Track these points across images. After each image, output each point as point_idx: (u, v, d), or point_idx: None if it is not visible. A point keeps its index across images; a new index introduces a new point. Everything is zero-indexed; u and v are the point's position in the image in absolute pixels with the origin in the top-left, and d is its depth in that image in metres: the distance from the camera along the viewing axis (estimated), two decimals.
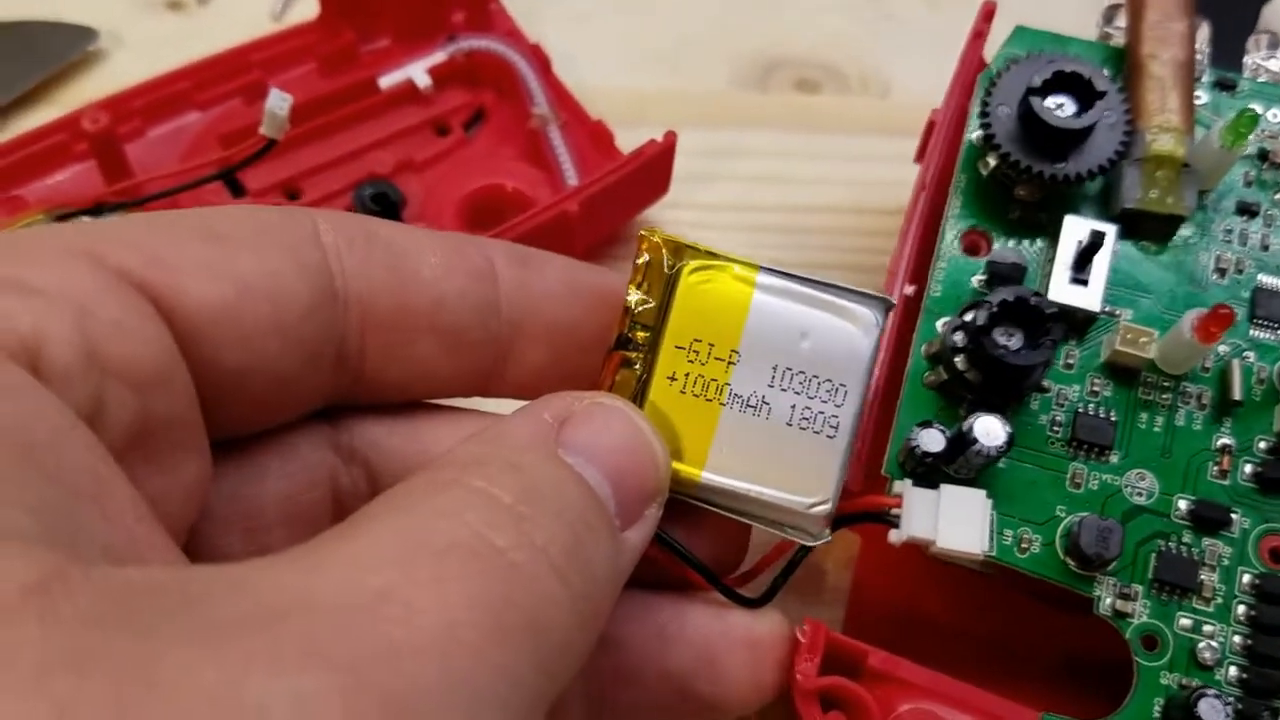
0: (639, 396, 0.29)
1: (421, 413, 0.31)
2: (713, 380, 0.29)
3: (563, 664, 0.22)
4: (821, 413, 0.29)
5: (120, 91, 0.50)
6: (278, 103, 0.41)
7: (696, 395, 0.29)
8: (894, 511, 0.32)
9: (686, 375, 0.29)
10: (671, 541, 0.30)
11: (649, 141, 0.47)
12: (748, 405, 0.29)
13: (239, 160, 0.43)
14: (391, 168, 0.51)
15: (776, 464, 0.29)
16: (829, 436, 0.29)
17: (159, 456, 0.24)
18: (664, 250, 0.29)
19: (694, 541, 0.31)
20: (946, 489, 0.32)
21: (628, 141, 0.49)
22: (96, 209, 0.44)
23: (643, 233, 0.29)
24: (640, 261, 0.29)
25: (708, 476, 0.29)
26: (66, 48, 0.55)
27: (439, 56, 0.53)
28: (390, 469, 0.30)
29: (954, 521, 0.31)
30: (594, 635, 0.24)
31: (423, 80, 0.52)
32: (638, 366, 0.29)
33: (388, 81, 0.52)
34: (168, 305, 0.24)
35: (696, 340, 0.29)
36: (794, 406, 0.29)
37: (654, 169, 0.48)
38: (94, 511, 0.21)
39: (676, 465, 0.29)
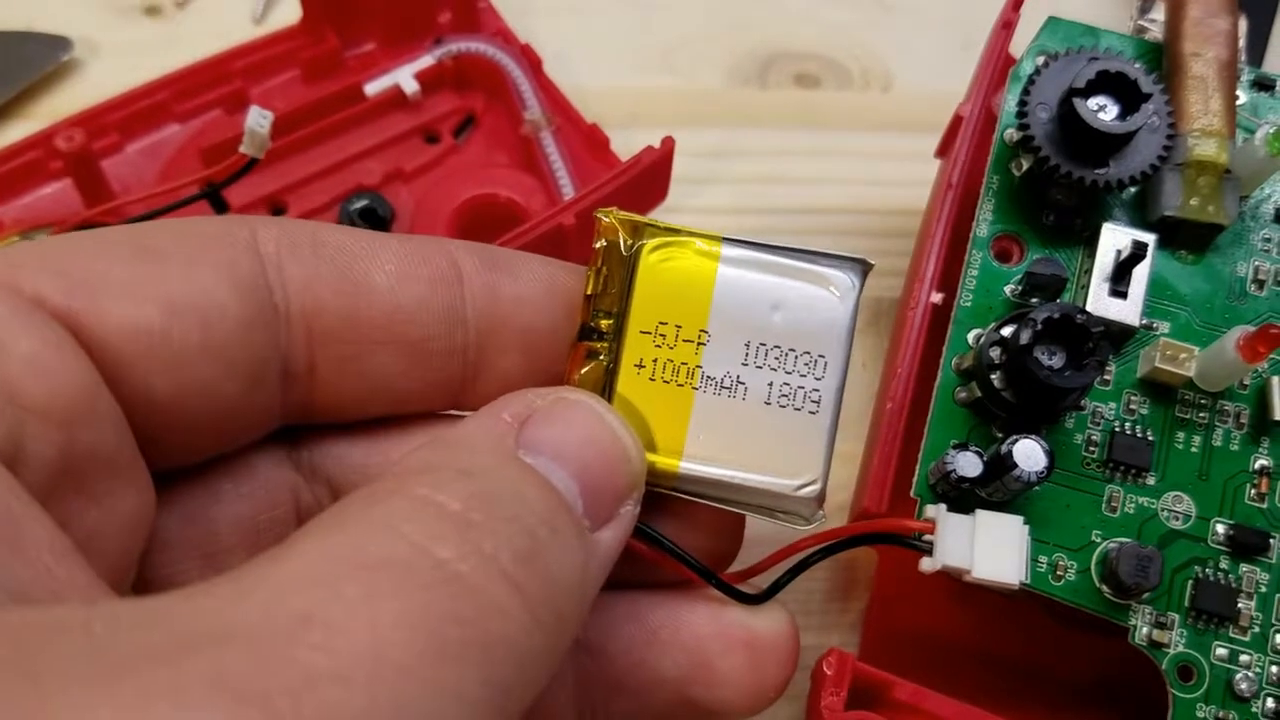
0: (607, 389, 0.28)
1: (389, 426, 0.30)
2: (683, 364, 0.27)
3: (522, 677, 0.21)
4: (801, 387, 0.27)
5: (96, 105, 0.48)
6: (258, 120, 0.39)
7: (667, 381, 0.27)
8: (925, 537, 0.30)
9: (655, 361, 0.27)
10: (657, 536, 0.28)
11: (646, 148, 0.45)
12: (722, 387, 0.27)
13: (222, 179, 0.41)
14: (380, 178, 0.49)
15: (759, 446, 0.28)
16: (811, 412, 0.28)
17: (90, 490, 0.23)
18: (621, 230, 0.27)
19: (684, 535, 0.29)
20: (982, 516, 0.30)
21: (623, 141, 0.47)
22: (78, 230, 0.42)
23: (597, 214, 0.28)
24: (598, 245, 0.27)
25: (686, 466, 0.28)
26: (41, 59, 0.53)
27: (426, 61, 0.51)
28: (355, 485, 0.29)
29: (990, 550, 0.30)
30: (561, 644, 0.23)
31: (410, 86, 0.50)
32: (603, 357, 0.28)
33: (374, 88, 0.50)
34: (88, 333, 0.23)
35: (662, 323, 0.27)
36: (771, 384, 0.27)
37: (652, 176, 0.46)
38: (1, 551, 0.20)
39: (652, 458, 0.27)
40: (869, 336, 0.47)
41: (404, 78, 0.51)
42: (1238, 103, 0.37)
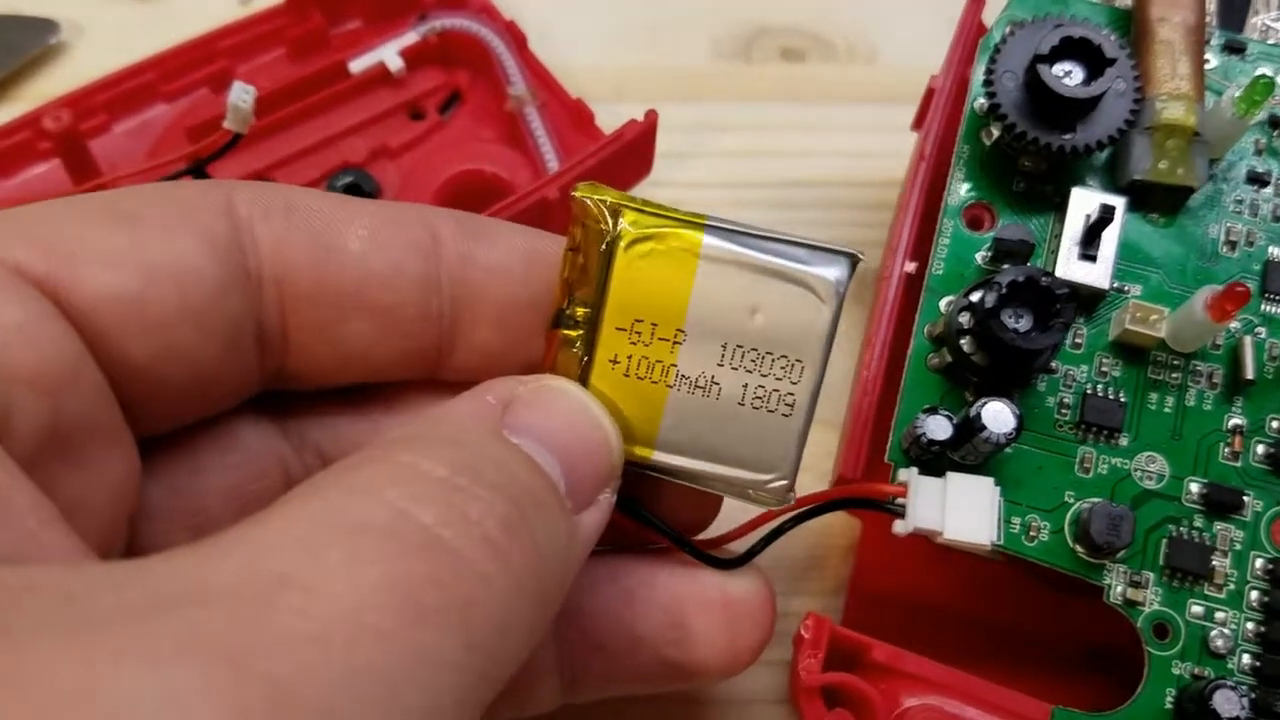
0: (581, 380, 0.27)
1: (376, 395, 0.30)
2: (657, 362, 0.27)
3: (504, 645, 0.21)
4: (776, 390, 0.27)
5: (83, 86, 0.48)
6: (240, 95, 0.39)
7: (641, 378, 0.27)
8: (898, 500, 0.31)
9: (629, 358, 0.27)
10: (635, 507, 0.29)
11: (629, 122, 0.45)
12: (696, 386, 0.27)
13: (207, 155, 0.42)
14: (365, 155, 0.49)
15: (730, 443, 0.27)
16: (784, 415, 0.27)
17: (77, 456, 0.23)
18: (597, 214, 0.27)
19: (660, 501, 0.30)
20: (953, 477, 0.30)
21: (608, 118, 0.48)
22: None
23: (573, 193, 0.27)
24: (574, 229, 0.27)
25: (659, 457, 0.28)
26: (27, 41, 0.53)
27: (411, 37, 0.51)
28: (344, 454, 0.29)
29: (961, 511, 0.30)
30: (545, 616, 0.23)
31: (395, 63, 0.50)
32: (578, 348, 0.27)
33: (359, 65, 0.50)
34: (67, 300, 0.23)
35: (638, 320, 0.27)
36: (746, 385, 0.27)
37: (635, 150, 0.46)
38: None
39: (626, 446, 0.27)
40: (852, 306, 0.47)
41: (388, 54, 0.51)
42: (1208, 66, 0.37)
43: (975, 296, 0.32)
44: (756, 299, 0.26)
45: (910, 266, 0.35)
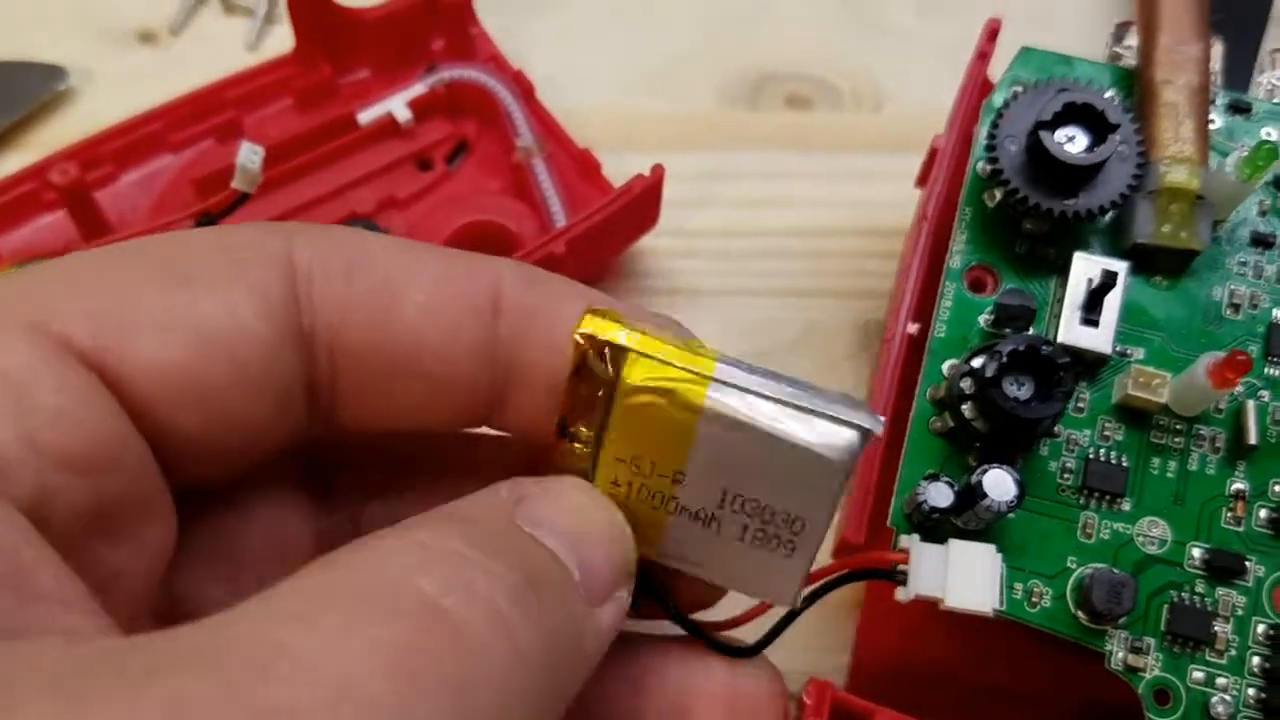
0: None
1: (411, 455, 0.30)
2: (659, 492, 0.26)
3: None
4: (777, 536, 0.26)
5: (90, 137, 0.48)
6: (249, 156, 0.40)
7: (642, 501, 0.26)
8: (900, 567, 0.31)
9: (630, 484, 0.26)
10: (647, 581, 0.28)
11: (636, 177, 0.45)
12: (696, 518, 0.26)
13: (215, 211, 0.42)
14: (373, 206, 0.49)
15: (733, 567, 0.27)
16: (786, 556, 0.26)
17: (118, 530, 0.23)
18: (599, 355, 0.25)
19: (667, 581, 0.29)
20: (955, 545, 0.30)
21: (615, 165, 0.48)
22: None
23: (578, 327, 0.25)
24: (577, 358, 0.25)
25: (664, 561, 0.27)
26: (36, 89, 0.54)
27: (419, 88, 0.51)
28: (375, 517, 0.29)
29: (963, 578, 0.30)
30: (554, 699, 0.22)
31: (403, 114, 0.51)
32: (583, 460, 0.26)
33: (367, 116, 0.51)
34: (114, 373, 0.22)
35: (638, 456, 0.26)
36: (746, 527, 0.26)
37: (642, 204, 0.46)
38: (4, 596, 0.19)
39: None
40: (857, 363, 0.47)
41: (396, 105, 0.51)
42: (1213, 127, 0.37)
43: (977, 363, 0.32)
44: (759, 460, 0.25)
45: (913, 328, 0.35)
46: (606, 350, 0.25)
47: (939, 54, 0.41)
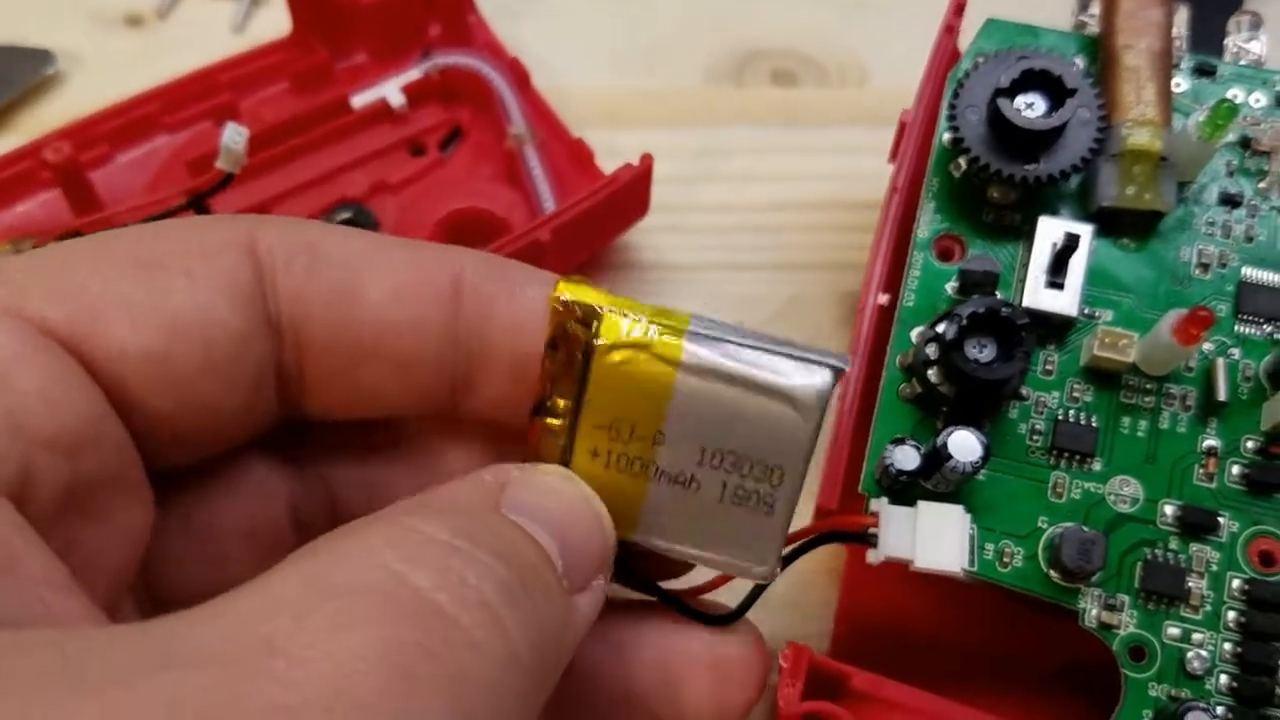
0: (564, 465, 0.27)
1: (389, 434, 0.30)
2: (637, 458, 0.26)
3: (497, 715, 0.20)
4: (756, 492, 0.27)
5: (87, 116, 0.49)
6: (233, 136, 0.40)
7: (621, 470, 0.27)
8: (871, 530, 0.31)
9: (609, 452, 0.27)
10: (625, 565, 0.28)
11: (624, 166, 0.45)
12: (675, 481, 0.27)
13: (206, 189, 0.42)
14: (365, 190, 0.50)
15: (711, 533, 0.27)
16: (765, 514, 0.27)
17: (95, 512, 0.23)
18: (574, 316, 0.26)
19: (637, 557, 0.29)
20: (923, 506, 0.31)
21: (603, 143, 0.48)
22: (64, 240, 0.43)
23: (553, 292, 0.26)
24: (553, 326, 0.26)
25: (639, 538, 0.27)
26: (24, 73, 0.54)
27: (414, 74, 0.52)
28: (350, 495, 0.30)
29: (931, 539, 0.31)
30: (541, 690, 0.23)
31: (397, 99, 0.51)
32: (560, 436, 0.27)
33: (361, 100, 0.51)
34: (90, 356, 0.23)
35: (618, 420, 0.26)
36: (725, 484, 0.27)
37: (630, 193, 0.47)
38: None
39: None
40: (841, 334, 0.48)
41: (391, 91, 0.51)
42: (1179, 90, 0.37)
43: (940, 328, 0.32)
44: (735, 408, 0.26)
45: (883, 299, 0.36)
46: (581, 310, 0.26)
47: (924, 29, 0.41)
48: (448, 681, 0.19)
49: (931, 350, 0.33)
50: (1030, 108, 0.34)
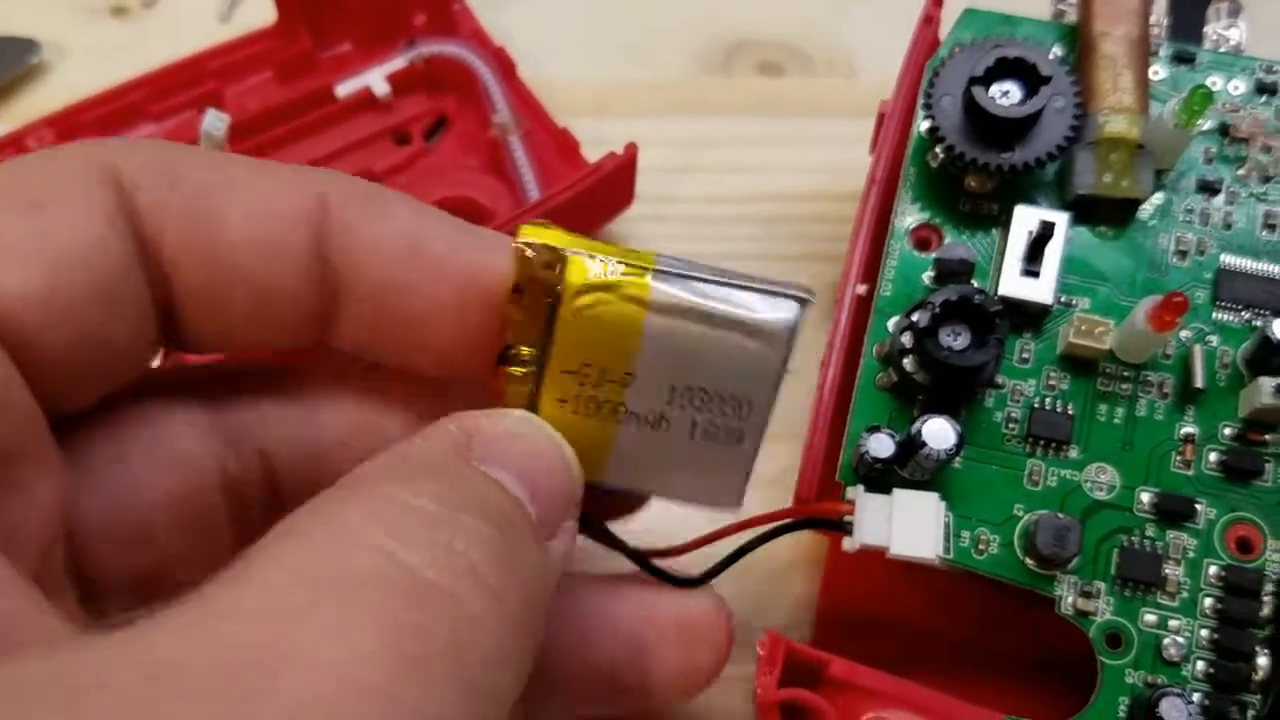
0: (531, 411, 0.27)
1: (313, 386, 0.29)
2: (606, 401, 0.27)
3: (500, 682, 0.21)
4: (725, 426, 0.27)
5: (70, 105, 0.49)
6: (214, 123, 0.40)
7: (589, 415, 0.27)
8: (848, 518, 0.31)
9: (577, 397, 0.27)
10: (592, 523, 0.29)
11: (608, 155, 0.45)
12: (645, 422, 0.27)
13: None
14: None
15: (679, 469, 0.27)
16: (734, 445, 0.27)
17: (9, 482, 0.23)
18: (540, 260, 0.26)
19: (601, 501, 0.29)
20: (898, 494, 0.31)
21: (589, 133, 0.48)
22: None
23: (515, 242, 0.26)
24: (518, 270, 0.26)
25: (607, 482, 0.28)
26: (8, 61, 0.54)
27: (399, 62, 0.52)
28: (285, 453, 0.29)
29: (907, 526, 0.31)
30: (532, 648, 0.23)
31: (381, 88, 0.51)
32: (526, 384, 0.27)
33: (345, 89, 0.51)
34: None
35: (586, 365, 0.26)
36: (695, 422, 0.27)
37: (614, 181, 0.46)
38: None
39: None
40: (821, 327, 0.48)
41: (375, 79, 0.51)
42: (1157, 78, 0.37)
43: (915, 317, 0.33)
44: (705, 343, 0.26)
45: (861, 289, 0.36)
46: (546, 255, 0.26)
47: (912, 21, 0.41)
48: (452, 659, 0.19)
49: (906, 339, 0.33)
50: (1005, 95, 0.34)
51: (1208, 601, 0.33)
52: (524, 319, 0.26)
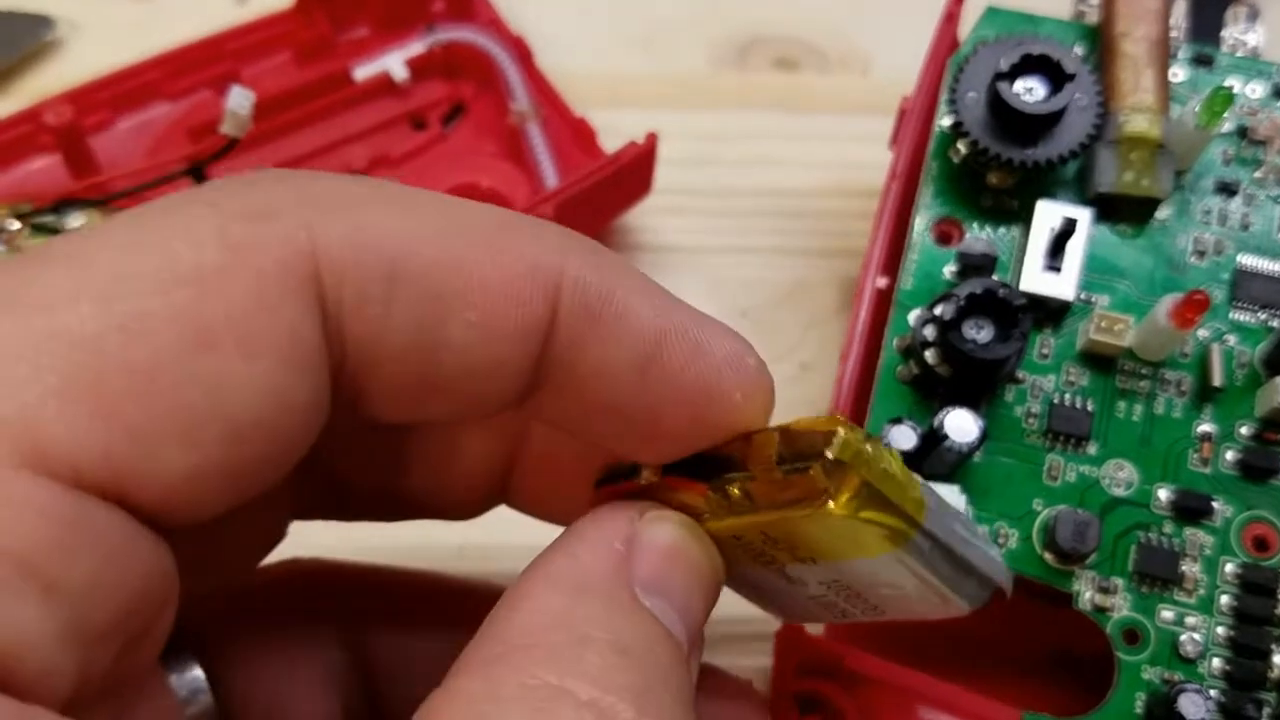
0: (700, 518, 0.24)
1: (448, 621, 0.28)
2: (773, 558, 0.24)
3: None
4: (844, 612, 0.25)
5: (87, 82, 0.48)
6: (239, 100, 0.40)
7: (747, 557, 0.24)
8: None
9: (751, 546, 0.24)
10: None
11: (629, 144, 0.45)
12: (784, 577, 0.25)
13: (205, 157, 0.42)
14: (366, 163, 0.50)
15: (779, 602, 0.26)
16: (834, 616, 0.26)
17: (133, 648, 0.20)
18: (821, 469, 0.21)
19: None
20: None
21: (605, 124, 0.48)
22: (59, 206, 0.43)
23: (838, 432, 0.21)
24: (799, 444, 0.22)
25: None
26: (22, 37, 0.54)
27: (417, 47, 0.52)
28: (409, 680, 0.28)
29: None
30: None
31: (399, 72, 0.51)
32: (711, 515, 0.24)
33: (363, 73, 0.51)
34: (136, 500, 0.18)
35: (787, 538, 0.23)
36: (825, 597, 0.25)
37: (634, 170, 0.46)
38: None
39: None
40: (842, 320, 0.48)
41: (394, 64, 0.51)
42: (1176, 80, 0.37)
43: (938, 310, 0.33)
44: (901, 585, 0.24)
45: (881, 282, 0.36)
46: (829, 468, 0.21)
47: (926, 19, 0.41)
48: None
49: (929, 332, 0.33)
50: (1030, 92, 0.34)
51: (1225, 599, 0.33)
52: (766, 482, 0.22)
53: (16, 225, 0.43)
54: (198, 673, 0.24)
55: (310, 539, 0.28)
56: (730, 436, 0.23)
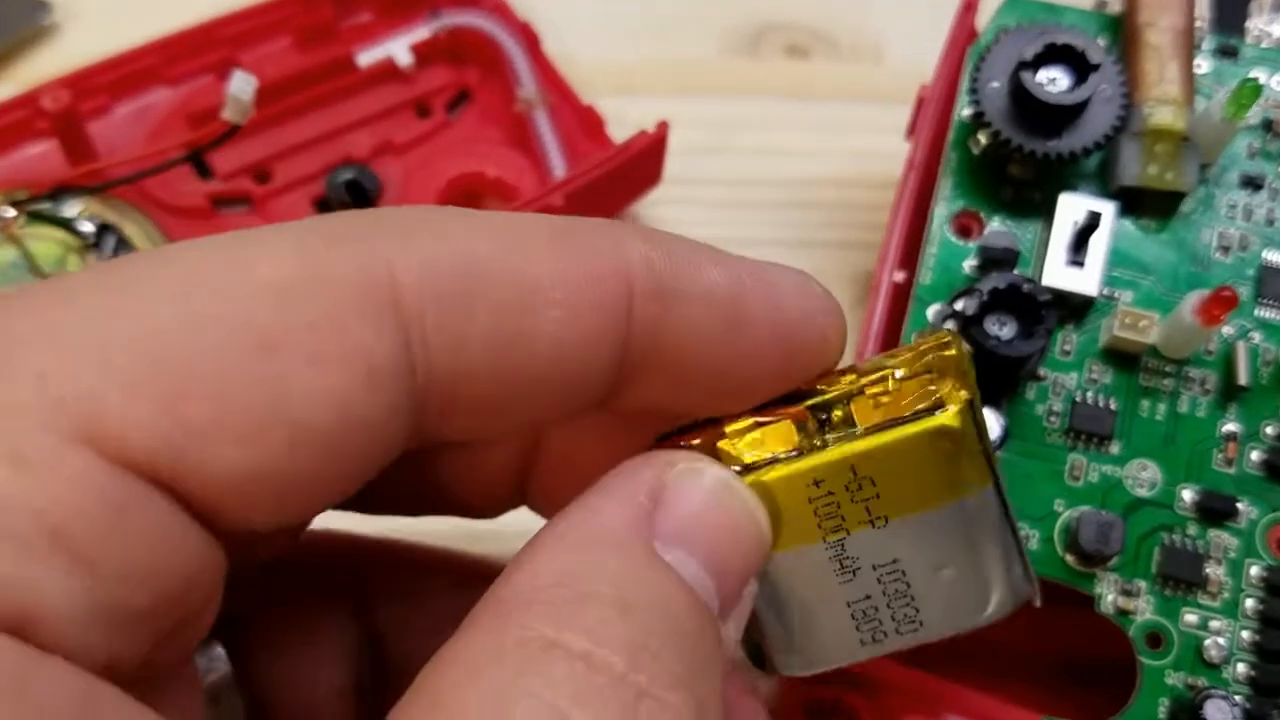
0: (762, 468, 0.23)
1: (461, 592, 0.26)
2: (840, 520, 0.23)
3: None
4: (880, 623, 0.24)
5: (85, 67, 0.48)
6: (241, 86, 0.39)
7: (813, 516, 0.23)
8: None
9: (825, 496, 0.23)
10: None
11: (639, 134, 0.45)
12: (839, 560, 0.23)
13: (205, 143, 0.41)
14: (369, 151, 0.49)
15: (807, 617, 0.24)
16: (863, 642, 0.25)
17: (174, 639, 0.20)
18: (944, 374, 0.22)
19: None
20: None
21: (615, 112, 0.47)
22: (56, 192, 0.42)
23: (946, 334, 0.22)
24: (917, 362, 0.22)
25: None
26: (19, 21, 0.53)
27: (422, 33, 0.51)
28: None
29: None
30: None
31: (404, 58, 0.50)
32: (801, 440, 0.23)
33: (367, 58, 0.50)
34: (185, 491, 0.18)
35: (869, 481, 0.23)
36: (868, 597, 0.24)
37: (644, 160, 0.46)
38: None
39: None
40: (856, 313, 0.47)
41: (398, 49, 0.50)
42: (1200, 71, 0.37)
43: (959, 304, 0.32)
44: (957, 563, 0.23)
45: (899, 276, 0.35)
46: (948, 390, 0.22)
47: (940, 8, 0.40)
48: None
49: (950, 327, 0.32)
50: (1053, 83, 0.33)
51: (1249, 603, 0.32)
52: (871, 397, 0.23)
53: (12, 213, 0.42)
54: (216, 645, 0.24)
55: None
56: (820, 369, 0.23)
